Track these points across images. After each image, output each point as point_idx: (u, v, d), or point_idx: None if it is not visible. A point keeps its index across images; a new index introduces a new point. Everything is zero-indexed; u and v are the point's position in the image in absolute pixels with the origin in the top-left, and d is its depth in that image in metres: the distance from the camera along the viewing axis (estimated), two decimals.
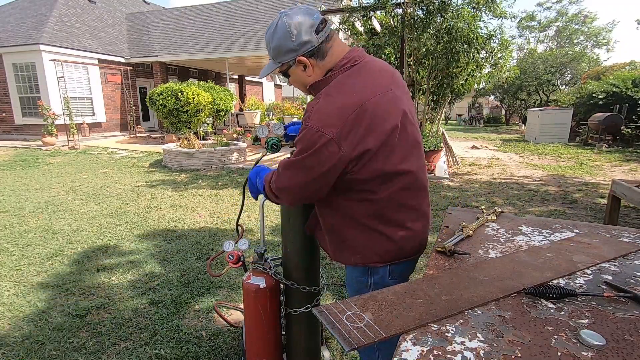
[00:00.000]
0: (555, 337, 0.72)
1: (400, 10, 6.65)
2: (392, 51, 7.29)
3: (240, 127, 12.27)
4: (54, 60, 11.27)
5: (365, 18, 6.97)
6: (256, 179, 1.29)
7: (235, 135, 11.05)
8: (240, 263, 1.63)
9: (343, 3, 7.21)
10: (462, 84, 7.20)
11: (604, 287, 0.92)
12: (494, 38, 6.60)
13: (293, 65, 1.10)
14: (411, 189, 1.12)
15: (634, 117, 11.39)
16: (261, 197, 1.36)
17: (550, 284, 0.93)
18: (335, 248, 1.22)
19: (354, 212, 1.12)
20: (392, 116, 1.03)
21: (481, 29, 6.58)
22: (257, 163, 1.50)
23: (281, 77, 1.20)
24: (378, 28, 7.50)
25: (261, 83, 24.34)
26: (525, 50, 28.00)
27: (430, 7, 6.17)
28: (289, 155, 1.22)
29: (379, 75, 1.07)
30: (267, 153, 1.53)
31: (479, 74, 7.08)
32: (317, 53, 1.07)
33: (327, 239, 1.24)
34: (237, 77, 19.05)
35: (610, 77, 12.96)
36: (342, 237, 1.19)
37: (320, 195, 1.10)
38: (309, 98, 12.88)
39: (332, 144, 0.96)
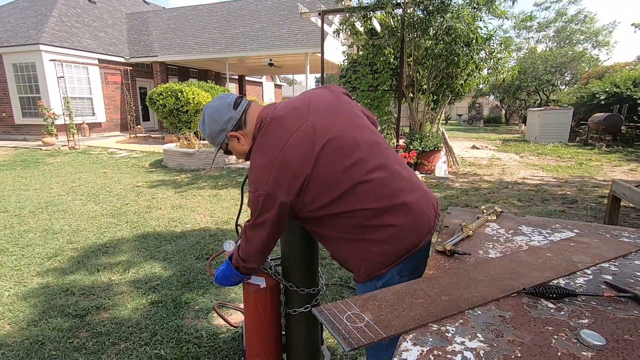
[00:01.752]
0: (555, 337, 0.72)
1: (400, 11, 6.64)
2: (392, 51, 7.29)
3: None
4: (54, 60, 11.27)
5: (365, 18, 6.96)
6: (224, 275, 1.42)
7: None
8: None
9: (343, 3, 7.19)
10: (461, 84, 7.20)
11: (604, 287, 0.92)
12: (493, 38, 6.59)
13: (229, 142, 1.25)
14: (377, 188, 1.13)
15: (634, 117, 11.39)
16: None
17: (550, 284, 0.93)
18: (350, 269, 1.26)
19: (338, 233, 1.17)
20: (313, 147, 1.10)
21: (481, 29, 6.57)
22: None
23: (223, 152, 1.33)
24: (378, 28, 7.50)
25: (261, 83, 24.35)
26: (524, 51, 27.97)
27: (430, 7, 6.17)
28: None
29: (290, 118, 1.15)
30: None
31: (478, 75, 7.07)
32: (241, 124, 1.22)
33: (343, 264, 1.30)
34: (237, 77, 19.07)
35: (617, 78, 12.95)
36: (343, 258, 1.23)
37: (277, 239, 1.26)
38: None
39: (269, 197, 1.10)
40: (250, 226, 1.22)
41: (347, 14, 7.02)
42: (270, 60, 14.00)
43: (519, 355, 0.67)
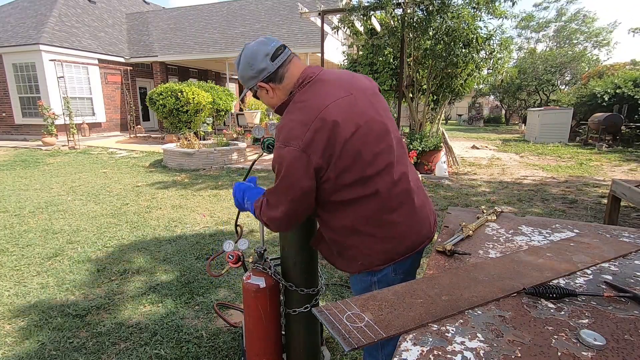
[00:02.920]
0: (555, 337, 0.72)
1: (400, 11, 6.64)
2: (392, 51, 7.29)
3: (240, 127, 12.27)
4: (54, 60, 11.27)
5: (365, 18, 6.97)
6: (242, 197, 1.34)
7: (235, 135, 11.05)
8: (240, 263, 1.63)
9: (343, 3, 7.20)
10: (461, 84, 7.20)
11: (604, 287, 0.92)
12: (493, 38, 6.59)
13: (257, 90, 1.21)
14: (395, 186, 1.14)
15: (635, 116, 11.39)
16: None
17: (550, 284, 0.93)
18: (339, 259, 1.26)
19: (349, 222, 1.15)
20: (352, 120, 1.08)
21: (481, 29, 6.57)
22: (254, 163, 1.54)
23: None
24: (378, 28, 7.50)
25: None
26: (525, 50, 27.97)
27: (430, 7, 6.17)
28: None
29: (335, 85, 1.13)
30: (265, 153, 1.54)
31: (477, 75, 7.07)
32: (274, 78, 1.16)
33: (331, 252, 1.27)
34: (237, 77, 19.06)
35: (615, 78, 12.95)
36: (343, 248, 1.21)
37: (308, 210, 1.15)
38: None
39: (300, 154, 1.03)
40: (273, 191, 1.14)
41: (346, 14, 7.01)
42: None
43: (519, 355, 0.67)
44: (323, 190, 1.11)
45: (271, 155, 1.31)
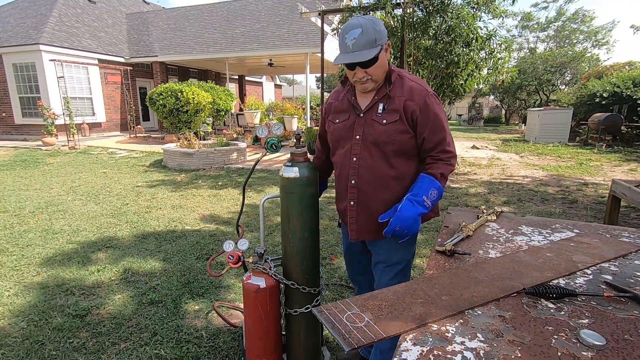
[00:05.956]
0: (555, 337, 0.72)
1: (400, 11, 6.64)
2: (392, 51, 7.29)
3: (240, 127, 12.27)
4: (54, 60, 11.26)
5: None
6: (418, 208, 1.27)
7: (235, 135, 11.05)
8: (240, 263, 1.63)
9: (343, 3, 7.20)
10: (462, 84, 7.19)
11: (604, 287, 0.92)
12: (494, 38, 6.59)
13: (384, 48, 1.30)
14: None
15: (634, 117, 11.39)
16: (262, 197, 1.37)
17: (550, 284, 0.93)
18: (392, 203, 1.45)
19: (414, 170, 1.39)
20: None
21: (481, 29, 6.57)
22: (256, 163, 1.55)
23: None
24: None
25: (261, 83, 24.34)
26: (525, 51, 27.97)
27: (430, 7, 6.16)
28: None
29: None
30: (267, 153, 1.54)
31: (478, 75, 7.07)
32: None
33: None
34: (237, 77, 19.07)
35: (613, 78, 12.95)
36: (400, 195, 1.43)
37: None
38: (309, 98, 12.59)
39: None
40: (448, 135, 1.37)
41: (346, 14, 7.01)
42: (270, 60, 13.99)
43: (519, 355, 0.67)
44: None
45: (273, 155, 1.32)
